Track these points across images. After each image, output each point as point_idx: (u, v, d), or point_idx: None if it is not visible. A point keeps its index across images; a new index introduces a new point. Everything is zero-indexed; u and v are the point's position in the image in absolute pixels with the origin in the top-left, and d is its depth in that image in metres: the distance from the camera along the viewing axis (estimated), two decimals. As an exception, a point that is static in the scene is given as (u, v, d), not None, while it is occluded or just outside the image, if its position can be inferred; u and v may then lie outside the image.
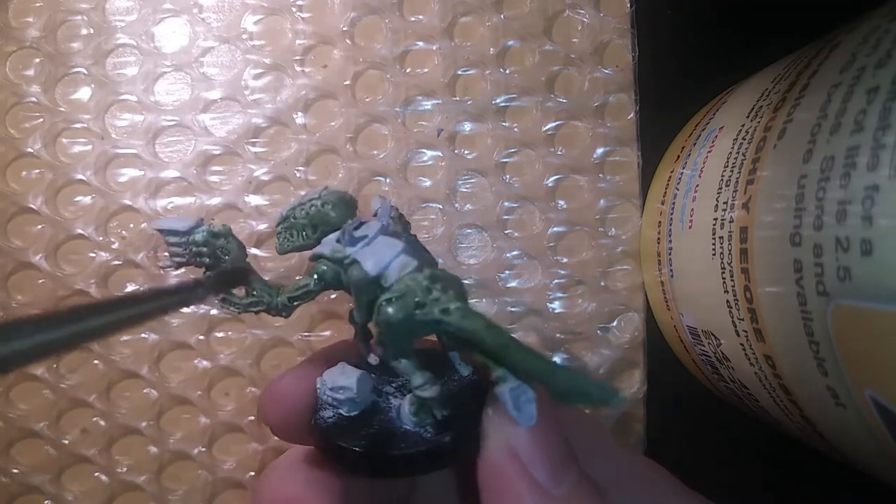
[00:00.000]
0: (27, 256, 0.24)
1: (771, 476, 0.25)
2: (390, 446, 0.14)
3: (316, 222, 0.17)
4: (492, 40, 0.25)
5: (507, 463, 0.14)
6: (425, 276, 0.14)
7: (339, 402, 0.16)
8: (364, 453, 0.14)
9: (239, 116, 0.25)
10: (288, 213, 0.18)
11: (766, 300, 0.16)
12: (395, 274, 0.14)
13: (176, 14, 0.25)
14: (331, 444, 0.15)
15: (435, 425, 0.15)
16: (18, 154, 0.25)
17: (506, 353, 0.13)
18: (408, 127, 0.25)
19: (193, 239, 0.17)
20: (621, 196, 0.25)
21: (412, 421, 0.15)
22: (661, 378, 0.25)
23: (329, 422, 0.15)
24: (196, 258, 0.17)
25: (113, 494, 0.24)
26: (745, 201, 0.17)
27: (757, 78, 0.20)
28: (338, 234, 0.16)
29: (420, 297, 0.14)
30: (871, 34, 0.14)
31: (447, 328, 0.14)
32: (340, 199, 0.17)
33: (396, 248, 0.15)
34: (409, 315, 0.14)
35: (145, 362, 0.24)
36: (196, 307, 0.24)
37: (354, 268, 0.15)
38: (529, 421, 0.13)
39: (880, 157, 0.12)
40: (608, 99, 0.25)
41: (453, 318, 0.13)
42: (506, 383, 0.13)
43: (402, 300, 0.14)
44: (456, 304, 0.14)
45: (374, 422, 0.15)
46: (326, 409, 0.16)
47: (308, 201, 0.17)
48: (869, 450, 0.14)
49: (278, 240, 0.18)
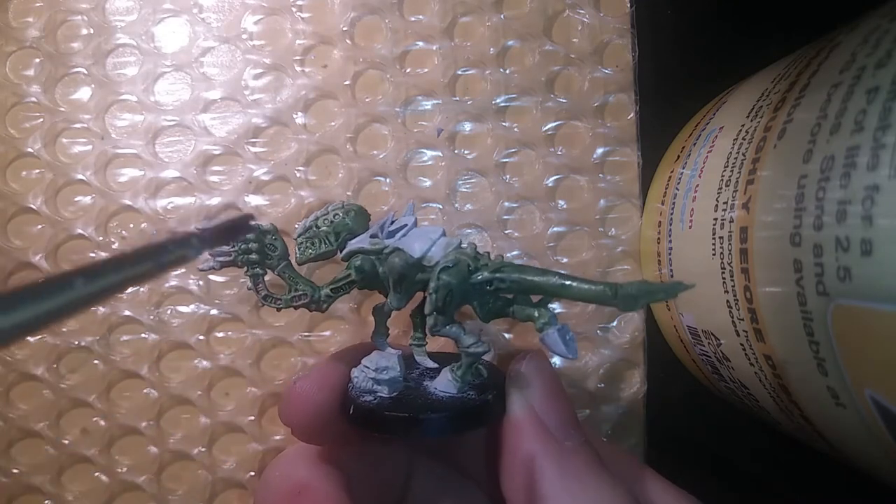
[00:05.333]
0: (27, 256, 0.24)
1: (771, 476, 0.25)
2: (437, 411, 0.16)
3: (339, 230, 0.18)
4: (492, 40, 0.25)
5: (526, 416, 0.16)
6: (470, 248, 0.17)
7: (381, 383, 0.17)
8: (413, 418, 0.16)
9: (239, 116, 0.25)
10: (310, 223, 0.19)
11: (766, 300, 0.16)
12: (440, 252, 0.16)
13: (176, 14, 0.25)
14: (377, 418, 0.16)
15: (476, 388, 0.17)
16: (18, 154, 0.25)
17: (564, 290, 0.15)
18: (408, 127, 0.25)
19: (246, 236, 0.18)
20: (621, 196, 0.25)
21: (455, 385, 0.17)
22: (661, 378, 0.25)
23: (372, 404, 0.17)
24: (243, 255, 0.18)
25: (113, 494, 0.24)
26: (745, 201, 0.17)
27: (757, 78, 0.20)
28: (367, 233, 0.18)
29: (472, 263, 0.16)
30: (871, 34, 0.14)
31: (502, 284, 0.16)
32: (360, 210, 0.19)
33: (438, 232, 0.17)
34: (463, 279, 0.16)
35: (145, 362, 0.24)
36: (196, 307, 0.24)
37: (396, 255, 0.17)
38: (576, 354, 0.15)
39: (880, 157, 0.12)
40: (608, 99, 0.25)
41: (508, 273, 0.16)
42: (551, 327, 0.15)
43: (456, 267, 0.16)
44: (504, 263, 0.16)
45: (414, 397, 0.17)
46: (365, 395, 0.17)
47: (331, 211, 0.19)
48: (869, 450, 0.14)
49: (299, 250, 0.19)
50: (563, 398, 0.17)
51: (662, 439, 0.25)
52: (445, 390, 0.17)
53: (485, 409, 0.16)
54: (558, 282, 0.15)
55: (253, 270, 0.18)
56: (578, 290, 0.15)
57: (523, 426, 0.16)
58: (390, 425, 0.16)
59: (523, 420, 0.16)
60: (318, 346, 0.25)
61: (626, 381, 0.25)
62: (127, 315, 0.24)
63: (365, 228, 0.19)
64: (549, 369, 0.17)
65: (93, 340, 0.24)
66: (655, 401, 0.25)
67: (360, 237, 0.18)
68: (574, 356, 0.15)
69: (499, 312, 0.17)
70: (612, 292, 0.14)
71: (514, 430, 0.16)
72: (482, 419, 0.16)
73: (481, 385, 0.17)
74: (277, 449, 0.24)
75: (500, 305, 0.17)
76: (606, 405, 0.25)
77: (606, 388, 0.25)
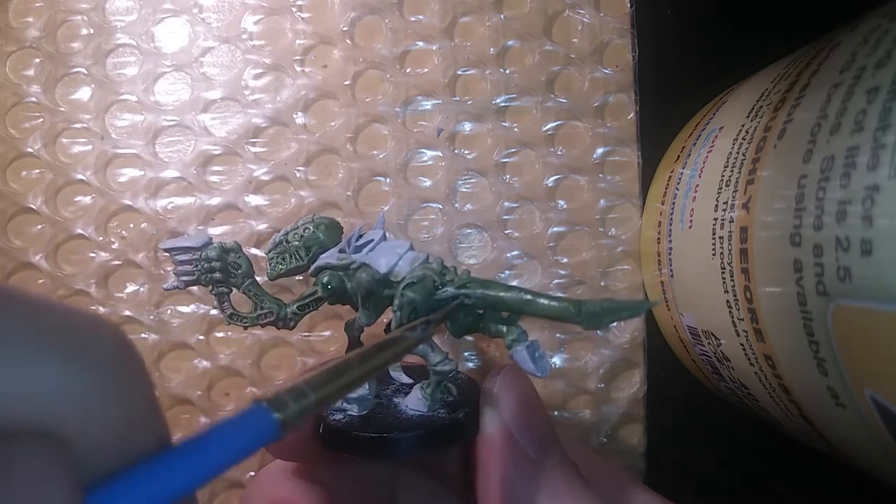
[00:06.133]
0: (27, 256, 0.24)
1: (771, 476, 0.25)
2: (406, 430, 0.16)
3: (310, 244, 0.18)
4: (492, 40, 0.25)
5: (499, 434, 0.16)
6: (437, 263, 0.16)
7: (351, 402, 0.17)
8: (382, 438, 0.15)
9: (239, 116, 0.25)
10: (281, 238, 0.19)
11: (766, 300, 0.16)
12: (406, 267, 0.16)
13: (176, 14, 0.25)
14: (346, 437, 0.16)
15: (447, 406, 0.17)
16: (18, 154, 0.25)
17: (528, 306, 0.15)
18: (408, 127, 0.25)
19: (207, 255, 0.18)
20: (621, 196, 0.25)
21: (425, 404, 0.16)
22: (661, 378, 0.25)
23: (342, 422, 0.16)
24: (207, 274, 0.18)
25: (113, 494, 0.24)
26: (745, 201, 0.17)
27: (757, 78, 0.20)
28: (336, 248, 0.18)
29: (437, 279, 0.16)
30: (871, 34, 0.14)
31: (467, 300, 0.15)
32: (331, 223, 0.19)
33: (405, 246, 0.17)
34: (428, 296, 0.16)
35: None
36: (196, 307, 0.24)
37: (363, 270, 0.17)
38: (545, 371, 0.15)
39: (880, 157, 0.12)
40: (608, 99, 0.25)
41: (473, 289, 0.15)
42: (520, 344, 0.15)
43: (421, 283, 0.16)
44: (470, 279, 0.16)
45: (383, 415, 0.17)
46: (335, 414, 0.17)
47: (301, 226, 0.18)
48: (869, 450, 0.14)
49: (270, 265, 0.19)
50: (539, 414, 0.16)
51: (662, 439, 0.25)
52: (416, 409, 0.17)
53: (455, 427, 0.16)
54: (522, 297, 0.15)
55: (218, 289, 0.18)
56: (542, 307, 0.15)
57: (497, 445, 0.16)
58: (359, 445, 0.16)
59: (497, 438, 0.16)
60: (318, 346, 0.25)
61: (626, 381, 0.25)
62: (127, 315, 0.24)
63: (337, 241, 0.18)
64: (524, 385, 0.17)
65: (93, 340, 0.24)
66: (655, 401, 0.25)
67: (330, 252, 0.18)
68: (543, 374, 0.15)
69: (470, 328, 0.16)
70: (576, 310, 0.14)
71: (488, 449, 0.16)
72: (453, 438, 0.16)
73: (453, 402, 0.17)
74: (277, 449, 0.24)
75: (470, 321, 0.16)
76: (606, 405, 0.25)
77: (606, 388, 0.25)
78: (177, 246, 0.18)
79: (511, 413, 0.16)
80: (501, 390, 0.16)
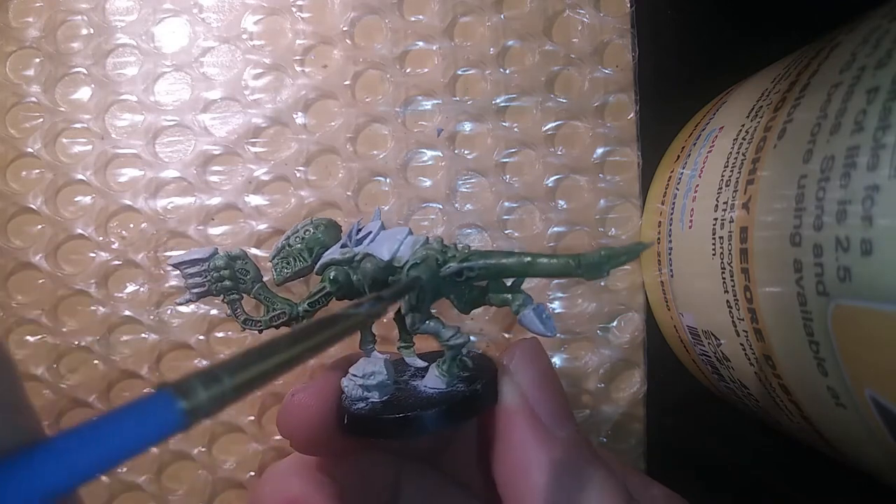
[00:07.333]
0: (27, 256, 0.24)
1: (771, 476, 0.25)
2: (428, 407, 0.16)
3: (311, 245, 0.19)
4: (492, 40, 0.25)
5: (518, 406, 0.16)
6: (437, 242, 0.17)
7: (371, 389, 0.17)
8: (406, 417, 0.16)
9: (239, 116, 0.25)
10: (283, 243, 0.19)
11: (766, 300, 0.16)
12: (408, 251, 0.17)
13: (176, 14, 0.25)
14: (371, 423, 0.16)
15: (465, 380, 0.17)
16: (18, 154, 0.25)
17: (530, 268, 0.15)
18: (408, 127, 0.25)
19: (215, 264, 0.18)
20: (621, 196, 0.25)
21: (444, 380, 0.17)
22: (661, 378, 0.25)
23: (364, 410, 0.17)
24: (217, 283, 0.18)
25: (113, 494, 0.24)
26: (745, 201, 0.17)
27: (757, 78, 0.20)
28: (337, 245, 0.18)
29: (440, 257, 0.16)
30: (871, 34, 0.14)
31: (471, 272, 0.16)
32: (330, 223, 0.19)
33: (404, 232, 0.17)
34: (433, 274, 0.16)
35: (145, 362, 0.24)
36: (197, 307, 0.24)
37: (367, 261, 0.17)
38: (554, 331, 0.16)
39: (880, 157, 0.12)
40: (608, 99, 0.25)
41: (475, 260, 0.16)
42: (527, 307, 0.16)
43: (425, 263, 0.16)
44: (471, 252, 0.16)
45: (405, 397, 0.17)
46: (357, 403, 0.17)
47: (301, 228, 0.19)
48: (869, 450, 0.14)
49: (275, 270, 0.19)
50: (556, 388, 0.17)
51: (662, 439, 0.25)
52: (435, 386, 0.17)
53: (475, 398, 0.16)
54: (523, 260, 0.15)
55: (229, 297, 0.18)
56: (544, 266, 0.15)
57: (515, 415, 0.16)
58: (385, 428, 0.16)
59: (515, 409, 0.16)
60: (318, 346, 0.25)
61: (626, 381, 0.25)
62: (127, 315, 0.24)
63: (337, 240, 0.19)
64: (542, 358, 0.17)
65: (93, 340, 0.24)
66: (655, 401, 0.25)
67: (332, 249, 0.18)
68: (552, 333, 0.16)
69: (476, 302, 0.17)
70: (576, 263, 0.15)
71: (506, 419, 0.16)
72: (474, 409, 0.17)
73: (470, 376, 0.17)
74: (277, 449, 0.24)
75: (476, 294, 0.17)
76: (606, 405, 0.25)
77: (606, 388, 0.25)
78: (185, 260, 0.18)
79: (529, 385, 0.17)
80: (519, 364, 0.17)
